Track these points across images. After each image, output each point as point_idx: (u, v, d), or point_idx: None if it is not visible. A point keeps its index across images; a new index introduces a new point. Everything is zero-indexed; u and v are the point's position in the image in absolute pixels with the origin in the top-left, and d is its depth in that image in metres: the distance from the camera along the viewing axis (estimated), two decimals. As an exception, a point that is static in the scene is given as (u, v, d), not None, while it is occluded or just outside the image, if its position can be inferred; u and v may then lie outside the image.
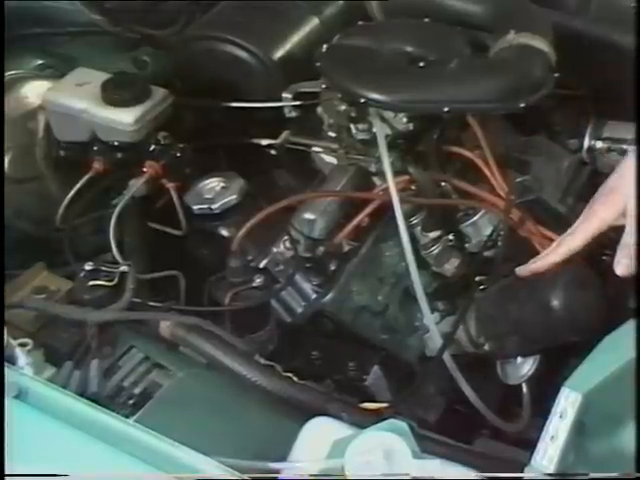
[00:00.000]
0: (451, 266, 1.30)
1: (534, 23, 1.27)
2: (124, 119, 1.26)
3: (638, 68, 1.02)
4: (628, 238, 1.02)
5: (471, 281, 1.26)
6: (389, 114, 1.24)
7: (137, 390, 1.02)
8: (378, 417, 0.91)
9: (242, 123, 1.38)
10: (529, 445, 0.82)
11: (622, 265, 1.02)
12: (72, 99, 1.29)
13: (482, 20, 1.33)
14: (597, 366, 0.84)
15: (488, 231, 1.28)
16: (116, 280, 1.11)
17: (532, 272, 1.12)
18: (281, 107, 1.34)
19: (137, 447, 0.72)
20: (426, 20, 1.32)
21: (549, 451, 0.76)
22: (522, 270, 1.14)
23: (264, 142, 1.38)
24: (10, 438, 0.72)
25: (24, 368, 0.91)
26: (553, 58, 1.22)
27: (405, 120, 1.24)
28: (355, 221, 1.24)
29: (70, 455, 0.73)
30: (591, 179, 1.42)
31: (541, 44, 1.22)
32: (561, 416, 0.78)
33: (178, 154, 1.31)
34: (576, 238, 1.07)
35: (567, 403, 0.79)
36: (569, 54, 1.24)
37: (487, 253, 1.28)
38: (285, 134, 1.37)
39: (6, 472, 0.70)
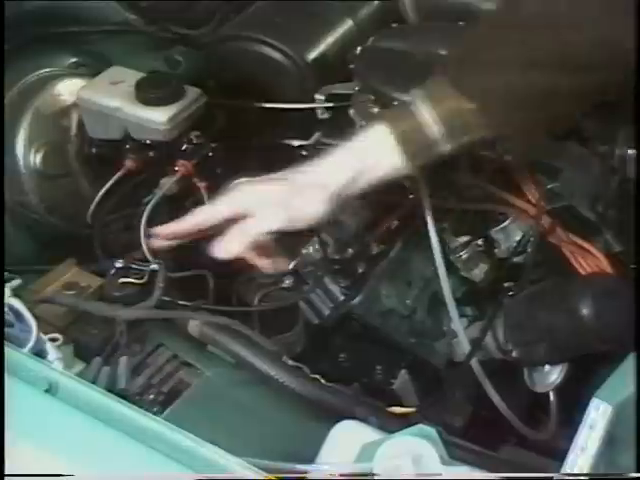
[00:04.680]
0: (480, 271, 1.29)
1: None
2: (157, 118, 1.26)
3: (638, 68, 1.01)
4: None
5: (500, 287, 1.25)
6: (422, 118, 1.24)
7: (165, 388, 1.03)
8: (406, 422, 0.91)
9: (274, 124, 1.38)
10: (556, 454, 0.81)
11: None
12: (106, 97, 1.30)
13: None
14: (628, 377, 0.83)
15: (518, 237, 1.27)
16: (146, 278, 1.12)
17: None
18: (313, 108, 1.34)
19: (165, 444, 0.72)
20: (461, 23, 1.31)
21: (579, 462, 0.75)
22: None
23: (295, 143, 1.38)
24: (39, 431, 0.73)
25: (54, 363, 0.92)
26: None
27: (437, 124, 1.24)
28: (385, 224, 1.24)
29: (98, 451, 0.73)
30: (621, 186, 1.41)
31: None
32: (591, 427, 0.77)
33: (210, 154, 1.32)
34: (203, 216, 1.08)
35: (597, 414, 0.78)
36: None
37: (516, 259, 1.27)
38: (317, 135, 1.37)
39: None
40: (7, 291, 0.95)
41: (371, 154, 1.04)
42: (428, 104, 1.02)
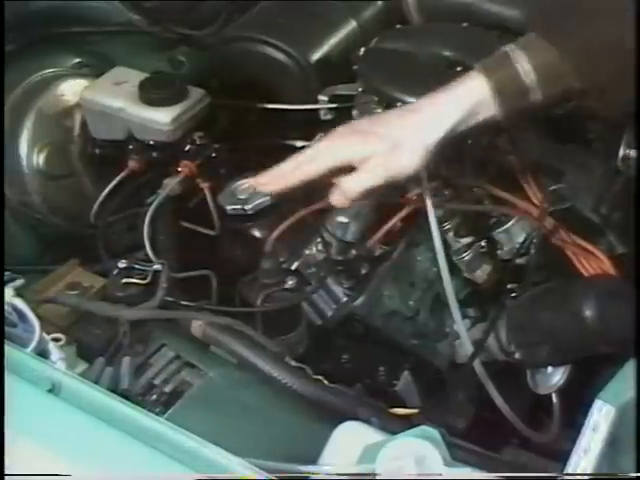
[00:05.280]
0: (483, 273, 1.29)
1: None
2: (161, 119, 1.26)
3: (638, 68, 1.01)
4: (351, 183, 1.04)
5: (502, 288, 1.25)
6: (425, 119, 1.23)
7: (167, 388, 1.03)
8: (408, 423, 0.91)
9: (277, 124, 1.39)
10: (558, 456, 0.81)
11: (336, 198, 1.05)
12: (109, 98, 1.30)
13: (520, 25, 1.32)
14: (631, 379, 0.83)
15: (521, 238, 1.27)
16: (149, 278, 1.12)
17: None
18: (317, 109, 1.35)
19: (167, 445, 0.72)
20: (464, 24, 1.32)
21: (582, 464, 0.75)
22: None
23: (299, 144, 1.38)
24: (42, 431, 0.73)
25: (57, 363, 0.92)
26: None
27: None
28: (388, 225, 1.24)
29: (101, 451, 0.73)
30: (625, 188, 1.41)
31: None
32: (594, 429, 0.77)
33: (213, 154, 1.32)
34: (311, 168, 1.06)
35: (600, 416, 0.78)
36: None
37: (519, 261, 1.27)
38: (320, 136, 1.37)
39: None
40: (10, 291, 0.95)
41: (468, 102, 1.04)
42: (524, 54, 1.03)
